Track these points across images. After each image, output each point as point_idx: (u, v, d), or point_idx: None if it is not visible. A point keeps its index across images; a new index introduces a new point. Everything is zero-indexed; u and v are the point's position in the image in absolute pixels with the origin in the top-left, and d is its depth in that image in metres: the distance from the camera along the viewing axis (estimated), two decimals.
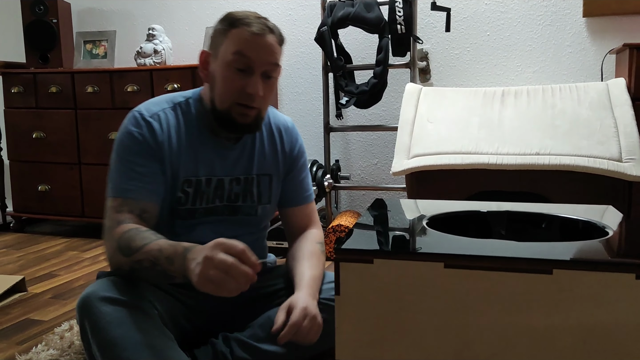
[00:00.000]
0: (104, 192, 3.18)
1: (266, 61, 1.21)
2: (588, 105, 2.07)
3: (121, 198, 1.20)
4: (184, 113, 1.30)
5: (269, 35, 1.21)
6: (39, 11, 3.12)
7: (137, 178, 1.21)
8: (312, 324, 1.15)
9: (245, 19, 1.20)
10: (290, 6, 3.10)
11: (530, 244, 0.85)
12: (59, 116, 3.03)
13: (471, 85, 2.81)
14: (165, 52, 3.08)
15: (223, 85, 1.22)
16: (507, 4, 2.74)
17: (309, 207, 1.47)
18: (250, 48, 1.19)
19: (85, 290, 1.12)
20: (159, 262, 1.06)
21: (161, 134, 1.24)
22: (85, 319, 1.08)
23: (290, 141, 1.42)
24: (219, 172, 1.31)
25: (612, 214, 1.10)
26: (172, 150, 1.25)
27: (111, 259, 1.16)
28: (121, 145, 1.24)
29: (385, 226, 1.04)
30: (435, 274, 0.80)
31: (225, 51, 1.21)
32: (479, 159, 1.97)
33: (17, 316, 1.84)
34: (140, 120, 1.25)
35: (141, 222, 1.19)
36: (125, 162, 1.22)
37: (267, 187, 1.38)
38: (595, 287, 0.75)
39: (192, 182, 1.28)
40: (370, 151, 3.04)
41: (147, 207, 1.21)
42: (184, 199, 1.28)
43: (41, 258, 2.59)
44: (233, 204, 1.34)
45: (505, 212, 1.15)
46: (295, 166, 1.43)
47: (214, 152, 1.30)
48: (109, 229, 1.18)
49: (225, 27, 1.22)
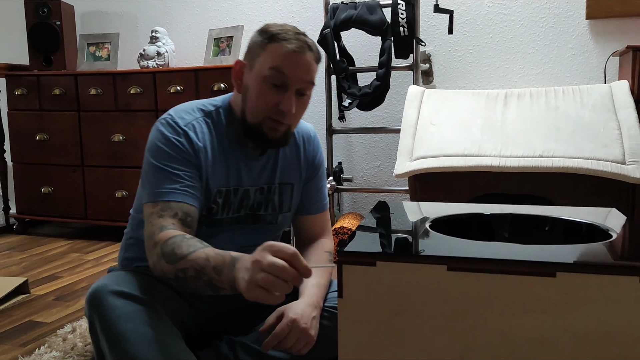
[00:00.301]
0: (106, 195, 3.20)
1: (302, 79, 1.20)
2: (591, 107, 2.06)
3: (162, 202, 1.16)
4: (215, 123, 1.28)
5: (307, 52, 1.20)
6: (43, 14, 3.13)
7: (178, 182, 1.18)
8: (298, 337, 1.13)
9: (284, 34, 1.19)
10: (293, 8, 3.10)
11: (533, 247, 0.85)
12: (62, 118, 3.04)
13: (474, 87, 2.81)
14: (168, 55, 3.08)
15: (257, 99, 1.21)
16: (510, 6, 2.74)
17: (323, 217, 1.46)
18: (288, 65, 1.18)
19: (95, 283, 1.12)
20: (205, 272, 1.02)
21: (197, 143, 1.22)
22: (95, 312, 1.07)
23: (312, 150, 1.42)
24: (245, 183, 1.30)
25: (616, 217, 1.10)
26: (206, 160, 1.23)
27: (154, 267, 1.11)
28: (159, 151, 1.20)
29: (388, 228, 1.04)
30: (438, 276, 0.80)
31: (262, 65, 1.19)
32: (482, 161, 1.97)
33: (20, 318, 1.84)
34: (177, 128, 1.22)
35: (184, 228, 1.15)
36: (165, 167, 1.18)
37: (288, 195, 1.38)
38: (599, 290, 0.75)
39: (222, 193, 1.27)
40: (372, 153, 3.04)
41: (190, 211, 1.18)
42: (215, 209, 1.27)
43: (44, 260, 2.59)
44: (256, 212, 1.34)
45: (508, 214, 1.14)
46: (314, 175, 1.43)
47: (242, 163, 1.29)
48: (151, 235, 1.13)
49: (263, 40, 1.20)
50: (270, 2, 3.14)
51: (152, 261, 1.11)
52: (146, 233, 1.15)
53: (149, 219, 1.16)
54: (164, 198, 1.16)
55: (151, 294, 1.11)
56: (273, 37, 1.19)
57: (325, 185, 1.48)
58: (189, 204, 1.17)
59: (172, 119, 1.23)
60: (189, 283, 1.05)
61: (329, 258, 1.37)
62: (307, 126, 1.45)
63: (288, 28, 1.21)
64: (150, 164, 1.20)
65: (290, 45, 1.18)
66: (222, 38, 3.07)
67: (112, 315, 1.05)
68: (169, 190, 1.17)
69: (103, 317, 1.05)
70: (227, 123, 1.29)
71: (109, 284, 1.09)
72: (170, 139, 1.20)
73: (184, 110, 1.26)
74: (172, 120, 1.23)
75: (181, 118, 1.24)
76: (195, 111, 1.27)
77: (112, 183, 2.97)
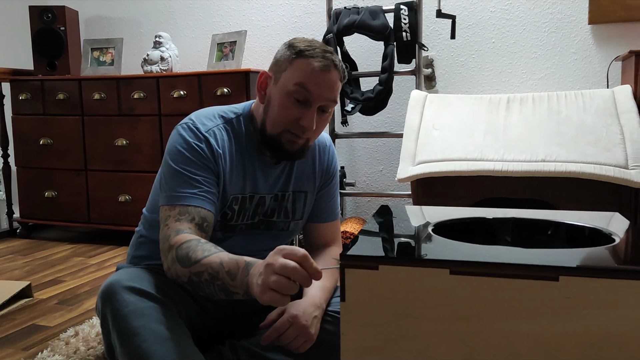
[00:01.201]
0: (110, 198, 3.20)
1: (325, 97, 1.21)
2: (594, 112, 2.06)
3: (180, 206, 1.17)
4: (235, 131, 1.29)
5: (333, 71, 1.21)
6: (47, 19, 3.14)
7: (197, 187, 1.19)
8: (298, 333, 1.14)
9: (312, 51, 1.20)
10: (297, 14, 3.11)
11: (536, 251, 0.85)
12: (65, 123, 3.05)
13: (476, 92, 2.81)
14: (171, 60, 3.10)
15: (279, 112, 1.22)
16: (513, 11, 2.74)
17: (334, 225, 1.47)
18: (313, 82, 1.19)
19: (109, 278, 1.13)
20: (219, 276, 1.03)
21: (217, 150, 1.23)
22: (108, 307, 1.08)
23: (327, 160, 1.43)
24: (261, 190, 1.31)
25: (619, 221, 1.10)
26: (225, 167, 1.24)
27: (168, 269, 1.12)
28: (179, 154, 1.21)
29: (391, 232, 1.04)
30: (441, 280, 0.80)
31: (288, 80, 1.20)
32: (484, 165, 1.97)
33: (23, 322, 1.85)
34: (199, 134, 1.23)
35: (200, 233, 1.15)
36: (184, 172, 1.19)
37: (301, 203, 1.39)
38: (603, 294, 0.75)
39: (238, 200, 1.28)
40: (375, 158, 3.04)
41: (207, 216, 1.18)
42: (230, 215, 1.28)
43: (47, 264, 2.60)
44: (269, 219, 1.35)
45: (511, 218, 1.14)
46: (328, 184, 1.44)
47: (259, 171, 1.30)
48: (166, 238, 1.14)
49: (291, 55, 1.21)
50: (273, 8, 3.15)
51: (166, 264, 1.12)
52: (162, 235, 1.16)
53: (166, 221, 1.17)
54: (182, 202, 1.17)
55: (164, 291, 1.12)
56: (300, 52, 1.20)
57: (337, 194, 1.48)
58: (206, 209, 1.18)
59: (194, 124, 1.24)
60: (202, 287, 1.06)
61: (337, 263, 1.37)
62: (324, 136, 1.46)
63: (316, 45, 1.22)
64: (169, 167, 1.21)
65: (317, 63, 1.19)
66: (225, 43, 3.08)
67: (125, 311, 1.05)
68: (187, 194, 1.18)
69: (116, 312, 1.06)
70: (246, 131, 1.30)
71: (123, 280, 1.10)
72: (191, 143, 1.21)
73: (205, 116, 1.27)
74: (193, 126, 1.24)
75: (202, 124, 1.25)
76: (217, 117, 1.28)
77: (115, 187, 2.97)
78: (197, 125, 1.24)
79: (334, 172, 1.45)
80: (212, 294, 1.06)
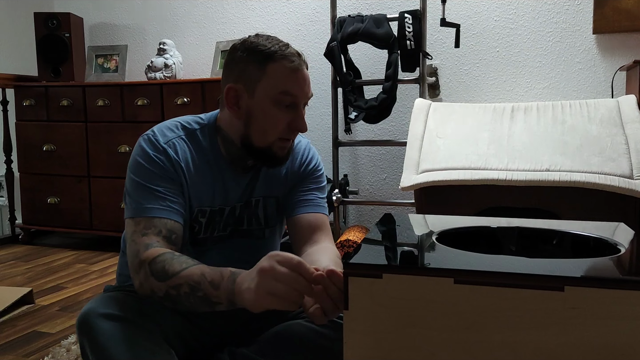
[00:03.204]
0: (112, 205, 3.20)
1: (307, 95, 1.21)
2: (598, 121, 2.06)
3: (146, 218, 1.13)
4: (197, 142, 1.25)
5: (303, 65, 1.19)
6: (52, 26, 3.16)
7: (161, 198, 1.15)
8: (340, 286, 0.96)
9: (279, 51, 1.16)
10: (300, 21, 3.12)
11: (541, 261, 0.84)
12: (69, 129, 3.05)
13: (480, 101, 2.81)
14: (175, 67, 3.10)
15: (268, 123, 1.18)
16: (517, 20, 2.74)
17: (316, 216, 1.34)
18: (295, 85, 1.17)
19: (85, 306, 1.09)
20: (201, 287, 0.99)
21: (177, 160, 1.20)
22: (84, 337, 1.05)
23: (301, 161, 1.37)
24: (232, 201, 1.28)
25: (624, 231, 1.09)
26: (187, 178, 1.21)
27: (141, 286, 1.07)
28: (140, 167, 1.18)
29: (394, 241, 1.04)
30: (445, 289, 0.79)
31: (269, 89, 1.17)
32: (488, 174, 1.96)
33: (24, 328, 1.84)
34: (157, 145, 1.19)
35: (170, 246, 1.11)
36: (146, 184, 1.16)
37: (273, 209, 1.35)
38: (608, 305, 0.74)
39: (206, 213, 1.25)
40: (378, 166, 3.04)
41: (175, 227, 1.14)
42: (197, 228, 1.25)
43: (49, 270, 2.60)
44: (239, 227, 1.32)
45: (515, 228, 1.14)
46: (304, 181, 1.37)
47: (230, 181, 1.27)
48: (135, 254, 1.09)
49: (259, 61, 1.17)
50: (277, 15, 3.16)
51: (138, 280, 1.07)
52: (130, 252, 1.11)
53: (132, 237, 1.12)
54: (147, 214, 1.13)
55: (144, 313, 1.08)
56: (269, 56, 1.16)
57: (321, 191, 1.39)
58: (173, 220, 1.14)
59: (154, 135, 1.21)
60: (181, 300, 1.02)
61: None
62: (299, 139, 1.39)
63: (274, 41, 1.18)
64: (131, 180, 1.18)
65: (290, 64, 1.16)
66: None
67: (101, 339, 1.03)
68: (151, 206, 1.14)
69: (93, 341, 1.03)
70: (211, 142, 1.26)
71: (98, 307, 1.07)
72: (150, 155, 1.18)
73: (166, 127, 1.24)
74: (153, 137, 1.20)
75: (163, 135, 1.21)
76: (179, 129, 1.24)
77: (117, 194, 2.97)
78: (156, 137, 1.20)
79: (312, 171, 1.37)
80: (191, 306, 1.02)
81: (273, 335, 1.25)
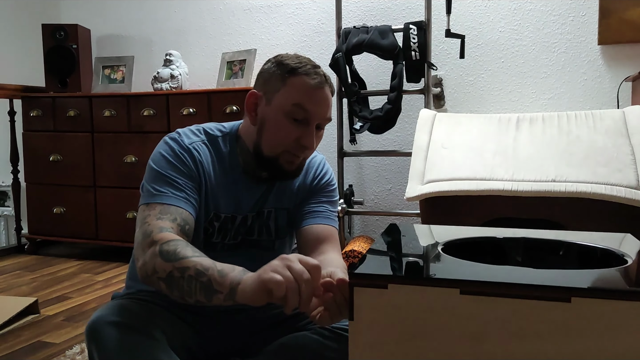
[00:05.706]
0: (118, 215, 3.20)
1: (323, 115, 1.21)
2: (604, 132, 2.05)
3: (161, 204, 1.13)
4: (218, 148, 1.27)
5: (326, 87, 1.20)
6: (60, 37, 3.18)
7: (179, 189, 1.17)
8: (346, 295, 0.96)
9: (304, 67, 1.18)
10: (306, 33, 3.13)
11: (548, 272, 0.84)
12: (76, 139, 3.07)
13: (486, 111, 2.81)
14: (181, 77, 3.12)
15: (276, 133, 1.20)
16: (522, 31, 2.75)
17: (325, 228, 1.33)
18: (311, 101, 1.18)
19: (94, 314, 1.10)
20: (208, 273, 0.97)
21: (200, 162, 1.22)
22: (93, 345, 1.06)
23: (314, 176, 1.38)
24: (245, 210, 1.29)
25: (631, 242, 1.09)
26: (205, 181, 1.23)
27: (144, 265, 1.05)
28: (163, 159, 1.20)
29: (400, 251, 1.03)
30: (451, 300, 0.79)
31: (284, 100, 1.18)
32: (494, 185, 1.95)
33: (29, 338, 1.84)
34: (182, 144, 1.22)
35: (182, 236, 1.11)
36: (167, 174, 1.17)
37: (284, 221, 1.36)
38: (615, 316, 0.74)
39: (220, 218, 1.26)
40: (383, 176, 3.04)
41: (189, 219, 1.15)
42: (210, 231, 1.26)
43: (54, 280, 2.60)
44: (250, 237, 1.32)
45: (521, 238, 1.13)
46: (316, 194, 1.37)
47: (243, 191, 1.28)
48: (147, 234, 1.08)
49: (282, 74, 1.19)
50: (283, 27, 3.18)
51: (142, 260, 1.06)
52: (141, 232, 1.10)
53: (146, 219, 1.11)
54: (164, 200, 1.14)
55: (151, 321, 1.09)
56: (293, 70, 1.18)
57: (333, 205, 1.40)
58: (188, 212, 1.15)
59: (179, 136, 1.24)
60: (181, 284, 0.99)
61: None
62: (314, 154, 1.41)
63: (305, 60, 1.21)
64: (151, 169, 1.19)
65: (311, 81, 1.18)
66: (235, 61, 3.11)
67: (110, 347, 1.03)
68: (169, 194, 1.15)
69: (101, 349, 1.04)
70: (230, 151, 1.28)
71: (106, 315, 1.07)
72: (175, 150, 1.21)
73: (190, 131, 1.27)
74: (178, 138, 1.24)
75: (187, 137, 1.25)
76: (201, 133, 1.28)
77: (123, 204, 2.98)
78: (182, 138, 1.24)
79: (324, 185, 1.38)
80: (188, 292, 0.99)
81: (278, 346, 1.24)
